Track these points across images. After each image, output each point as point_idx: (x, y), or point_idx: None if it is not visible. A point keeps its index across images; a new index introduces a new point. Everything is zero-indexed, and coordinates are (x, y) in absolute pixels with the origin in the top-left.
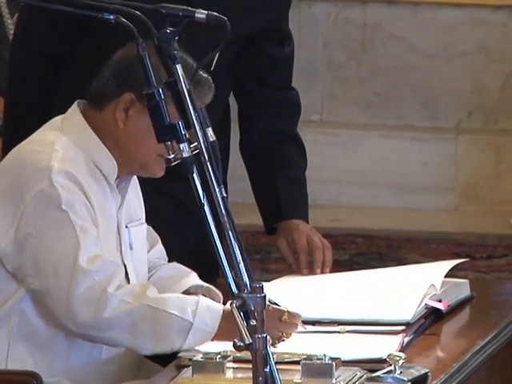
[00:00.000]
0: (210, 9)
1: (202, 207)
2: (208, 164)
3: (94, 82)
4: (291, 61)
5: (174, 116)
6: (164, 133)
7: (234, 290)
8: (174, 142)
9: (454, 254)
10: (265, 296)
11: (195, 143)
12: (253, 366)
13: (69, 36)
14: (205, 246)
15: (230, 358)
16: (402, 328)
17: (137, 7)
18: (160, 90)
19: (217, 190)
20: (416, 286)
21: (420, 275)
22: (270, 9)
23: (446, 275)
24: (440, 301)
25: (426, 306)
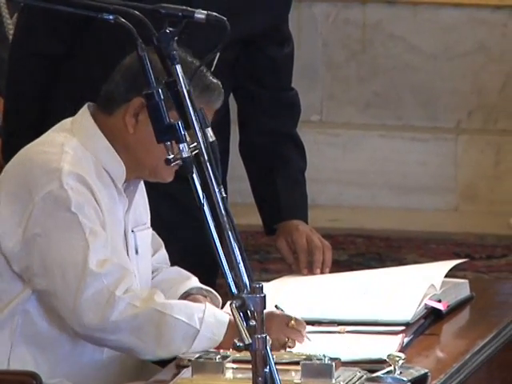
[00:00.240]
0: (209, 9)
1: (201, 207)
2: (207, 164)
3: (104, 85)
4: (291, 62)
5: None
6: (163, 133)
7: (234, 291)
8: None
9: (454, 254)
10: (264, 296)
11: (195, 143)
12: (252, 367)
13: (68, 36)
14: (204, 247)
15: (230, 359)
16: (402, 328)
17: (136, 7)
18: (159, 90)
19: (216, 191)
20: (416, 286)
21: (420, 275)
22: (270, 10)
23: (446, 275)
24: (440, 301)
25: (425, 306)
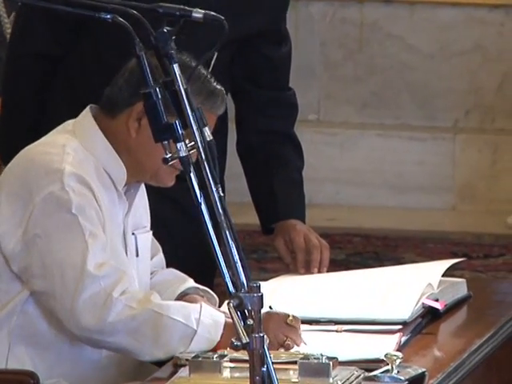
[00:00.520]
0: (207, 9)
1: (199, 207)
2: (205, 163)
3: (107, 89)
4: (288, 61)
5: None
6: (161, 132)
7: (231, 290)
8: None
9: (451, 254)
10: (262, 295)
11: (192, 142)
12: (250, 366)
13: (66, 36)
14: (202, 246)
15: (227, 358)
16: (399, 327)
17: (134, 7)
18: (157, 89)
19: (214, 190)
20: (413, 285)
21: (417, 274)
22: (268, 9)
23: (443, 274)
24: (437, 300)
25: (423, 305)
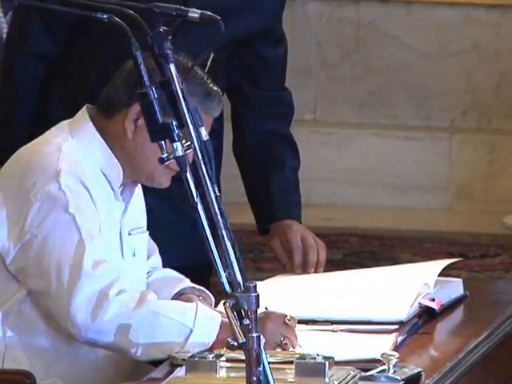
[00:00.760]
0: (203, 9)
1: (195, 206)
2: (201, 163)
3: (104, 89)
4: (284, 62)
5: None
6: (157, 132)
7: (228, 290)
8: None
9: (448, 254)
10: (258, 295)
11: (188, 142)
12: (246, 366)
13: (63, 36)
14: (198, 246)
15: (224, 358)
16: (396, 327)
17: (130, 6)
18: (153, 89)
19: (210, 189)
20: (409, 285)
21: (413, 274)
22: (265, 10)
23: (440, 274)
24: (433, 300)
25: (419, 305)
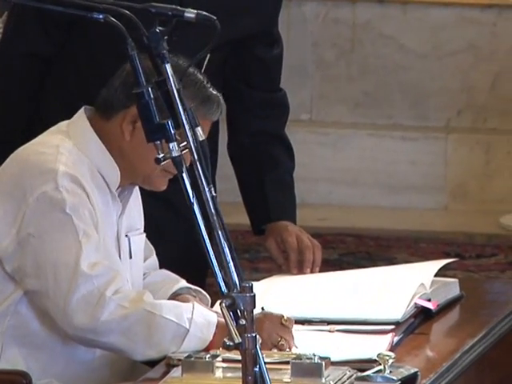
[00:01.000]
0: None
1: (191, 207)
2: (197, 163)
3: (103, 90)
4: (280, 63)
5: None
6: (154, 132)
7: (224, 290)
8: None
9: (444, 254)
10: (254, 295)
11: (185, 142)
12: (242, 366)
13: (59, 36)
14: (194, 246)
15: (220, 358)
16: (392, 327)
17: (126, 6)
18: (149, 89)
19: (206, 190)
20: (405, 285)
21: (409, 274)
22: (261, 11)
23: (436, 274)
24: (429, 300)
25: (415, 305)
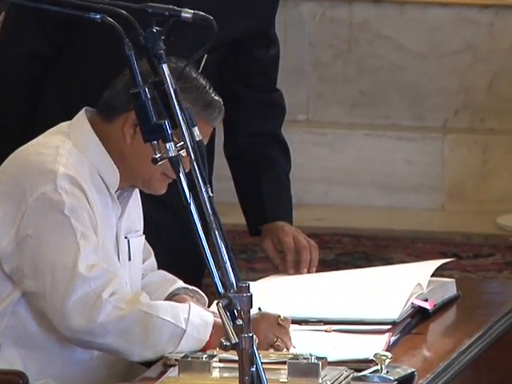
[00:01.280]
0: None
1: (188, 207)
2: (194, 163)
3: (106, 92)
4: (277, 63)
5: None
6: (150, 132)
7: (221, 290)
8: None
9: (441, 254)
10: (251, 295)
11: (181, 142)
12: (239, 366)
13: (57, 36)
14: (191, 246)
15: (217, 358)
16: (389, 327)
17: (123, 6)
18: (146, 89)
19: (203, 190)
20: (402, 285)
21: (406, 274)
22: (258, 12)
23: (433, 274)
24: (426, 300)
25: (412, 305)
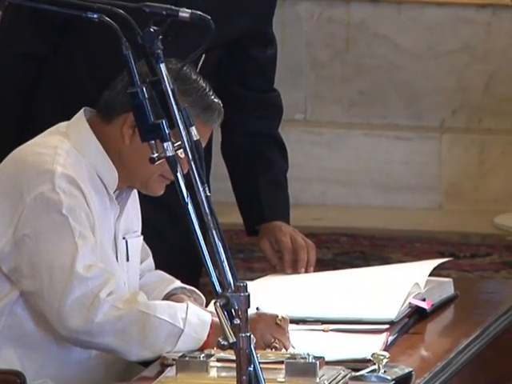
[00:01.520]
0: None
1: (185, 206)
2: (192, 163)
3: (105, 92)
4: (274, 63)
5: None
6: (148, 132)
7: (218, 289)
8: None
9: (438, 253)
10: (249, 295)
11: (179, 142)
12: (237, 365)
13: (54, 36)
14: (189, 246)
15: (214, 357)
16: (386, 327)
17: (120, 6)
18: (144, 89)
19: (201, 189)
20: (400, 284)
21: (404, 274)
22: (255, 12)
23: (430, 274)
24: (424, 300)
25: (409, 304)
